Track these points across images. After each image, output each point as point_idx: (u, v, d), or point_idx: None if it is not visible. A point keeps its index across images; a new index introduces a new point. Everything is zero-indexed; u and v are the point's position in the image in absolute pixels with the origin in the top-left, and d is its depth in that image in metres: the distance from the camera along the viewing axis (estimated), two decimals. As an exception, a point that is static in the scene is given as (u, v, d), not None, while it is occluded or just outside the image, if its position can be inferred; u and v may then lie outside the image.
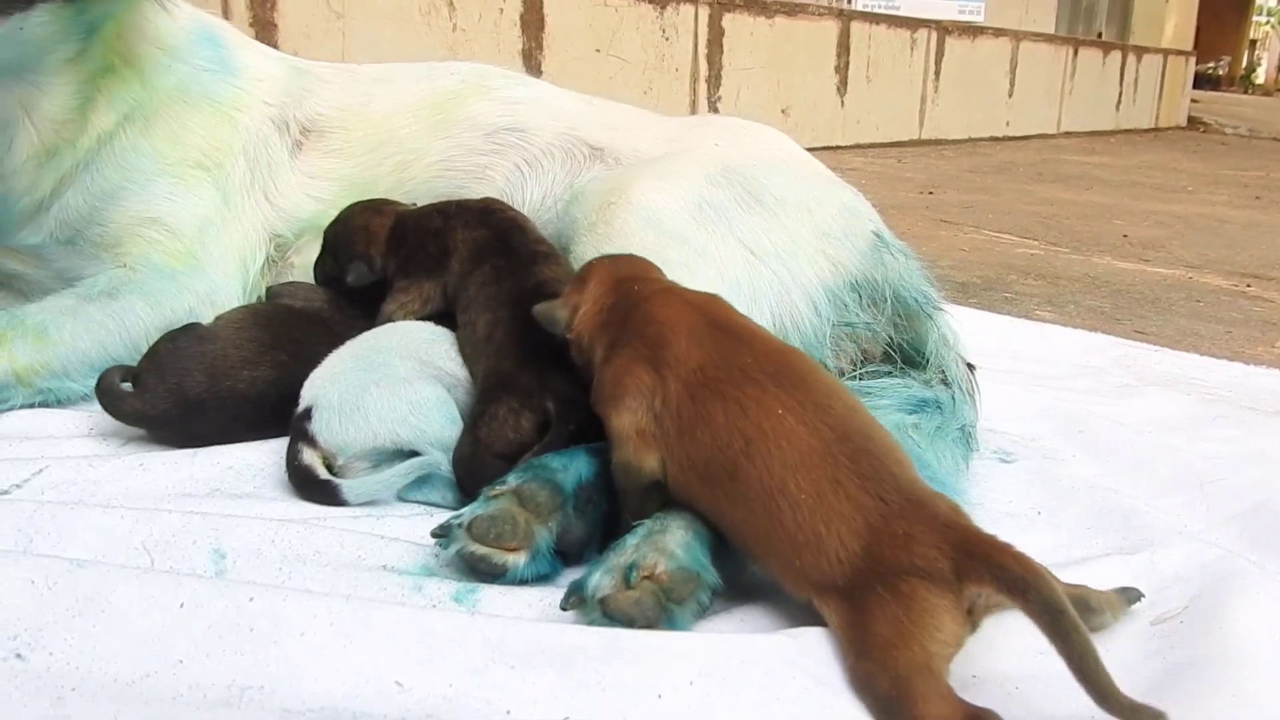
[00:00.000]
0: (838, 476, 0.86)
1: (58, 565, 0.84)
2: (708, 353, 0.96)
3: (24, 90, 1.31)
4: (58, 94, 1.33)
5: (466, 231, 1.30)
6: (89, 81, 1.35)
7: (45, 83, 1.32)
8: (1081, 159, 6.70)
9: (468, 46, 3.80)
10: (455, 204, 1.35)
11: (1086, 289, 2.59)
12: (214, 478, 1.13)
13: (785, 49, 5.45)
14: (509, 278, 1.23)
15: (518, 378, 1.11)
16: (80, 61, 1.33)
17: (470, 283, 1.25)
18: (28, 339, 1.23)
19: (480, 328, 1.20)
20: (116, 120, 1.37)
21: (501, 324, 1.18)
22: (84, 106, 1.35)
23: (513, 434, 1.07)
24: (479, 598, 0.91)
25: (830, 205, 1.40)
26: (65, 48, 1.31)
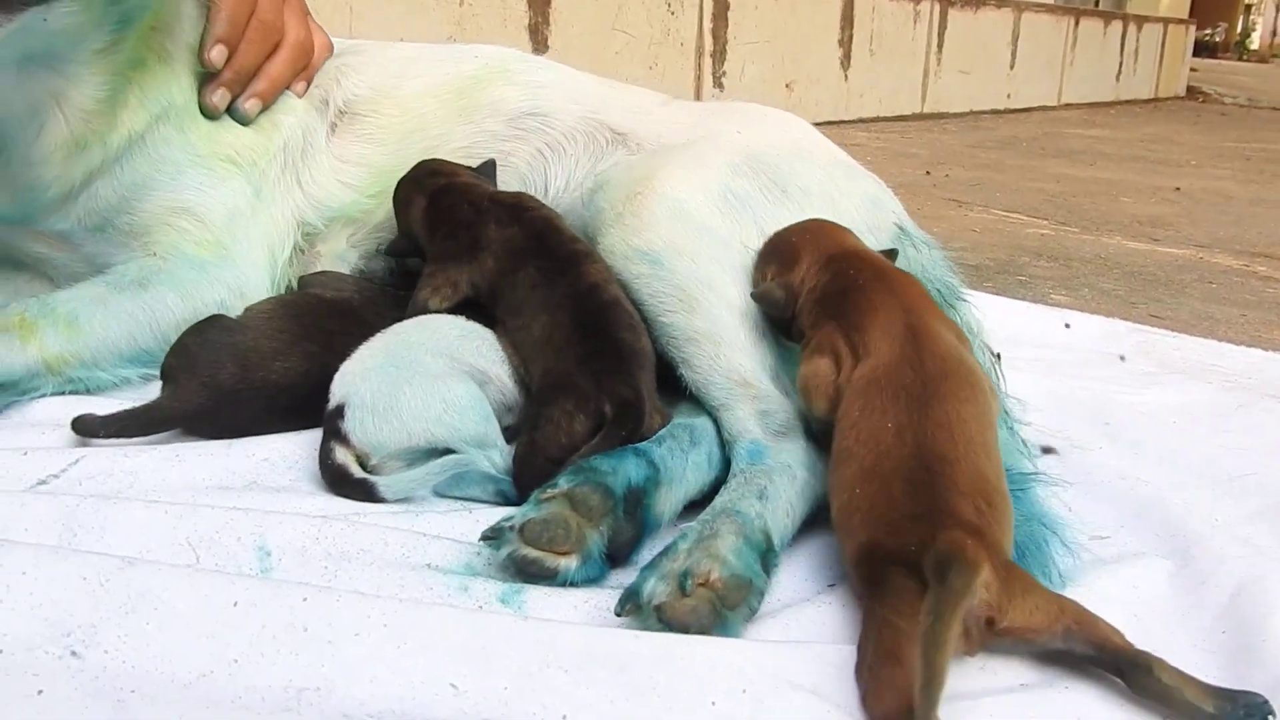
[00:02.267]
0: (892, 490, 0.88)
1: (109, 562, 0.84)
2: (886, 356, 1.01)
3: (54, 80, 1.30)
4: (87, 85, 1.31)
5: (499, 229, 1.29)
6: (119, 74, 1.33)
7: (75, 73, 1.30)
8: (1084, 132, 6.69)
9: (474, 22, 3.77)
10: (488, 196, 1.35)
11: (1099, 271, 2.60)
12: (250, 470, 1.13)
13: (790, 23, 5.42)
14: (560, 280, 1.22)
15: (575, 380, 1.11)
16: (111, 53, 1.32)
17: (516, 284, 1.25)
18: (58, 328, 1.23)
19: (537, 330, 1.20)
20: (149, 119, 1.36)
21: (561, 328, 1.17)
22: (113, 99, 1.33)
23: (565, 438, 1.07)
24: (524, 599, 0.91)
25: (854, 196, 1.40)
26: (96, 38, 1.30)
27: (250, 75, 1.44)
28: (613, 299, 1.20)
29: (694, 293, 1.20)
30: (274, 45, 1.46)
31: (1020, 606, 0.80)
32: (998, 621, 0.80)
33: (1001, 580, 0.80)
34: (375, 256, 1.53)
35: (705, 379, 1.16)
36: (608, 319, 1.17)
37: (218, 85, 1.41)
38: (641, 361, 1.15)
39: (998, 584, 0.80)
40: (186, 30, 1.41)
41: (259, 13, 1.44)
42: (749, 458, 1.07)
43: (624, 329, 1.17)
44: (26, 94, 1.29)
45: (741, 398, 1.13)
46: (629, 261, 1.24)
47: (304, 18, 1.53)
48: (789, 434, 1.09)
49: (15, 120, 1.31)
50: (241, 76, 1.43)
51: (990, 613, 0.80)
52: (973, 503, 0.87)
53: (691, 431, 1.13)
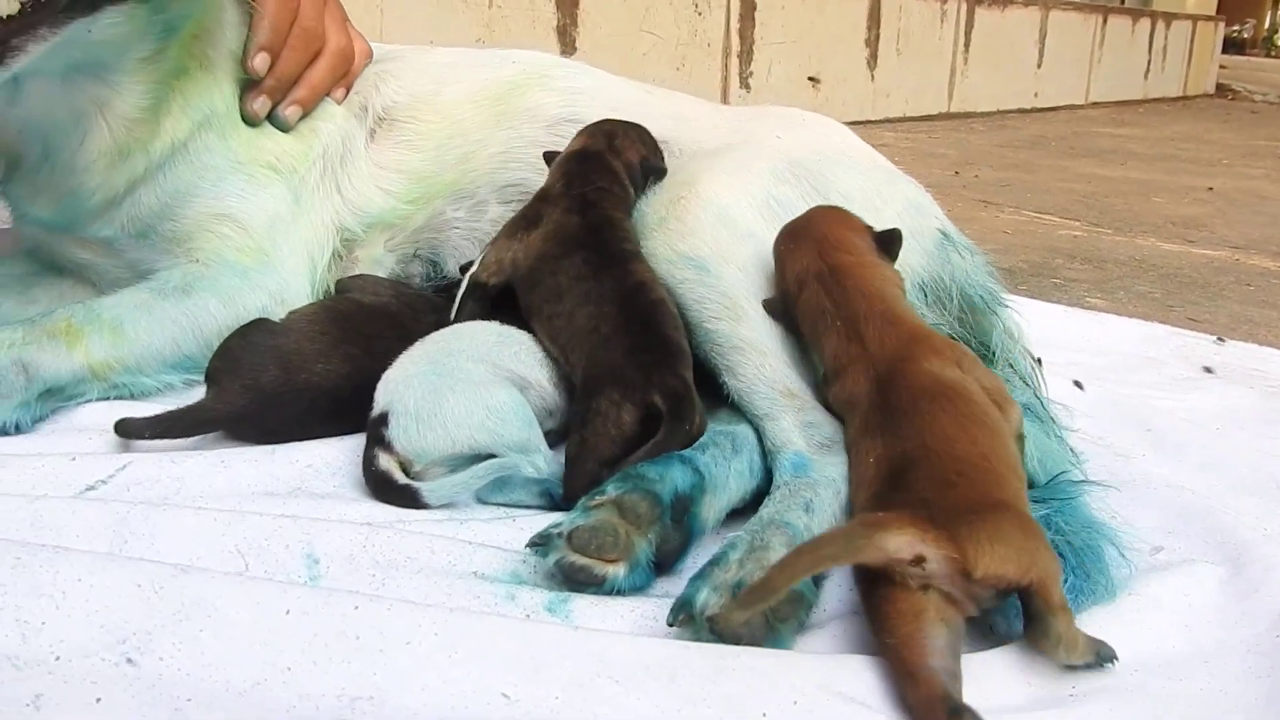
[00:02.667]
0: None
1: (162, 570, 0.85)
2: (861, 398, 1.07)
3: (98, 88, 1.31)
4: (131, 93, 1.32)
5: (561, 214, 1.30)
6: (163, 82, 1.34)
7: (118, 81, 1.31)
8: (1113, 131, 6.64)
9: (503, 23, 3.78)
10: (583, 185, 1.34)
11: (1134, 273, 2.58)
12: (295, 476, 1.13)
13: (816, 22, 5.40)
14: (606, 275, 1.22)
15: (624, 370, 1.11)
16: (155, 62, 1.33)
17: (559, 271, 1.24)
18: (103, 334, 1.24)
19: (581, 319, 1.20)
20: (191, 127, 1.36)
21: (609, 319, 1.17)
22: (157, 107, 1.34)
23: (614, 429, 1.08)
24: (571, 607, 0.91)
25: (895, 202, 1.40)
26: (140, 47, 1.30)
27: (291, 82, 1.45)
28: (659, 298, 1.20)
29: (740, 301, 1.20)
30: (315, 52, 1.47)
31: (990, 557, 0.82)
32: (972, 574, 0.81)
33: (958, 536, 0.82)
34: (413, 260, 1.54)
35: (749, 388, 1.16)
36: (655, 316, 1.17)
37: (259, 92, 1.42)
38: (686, 360, 1.15)
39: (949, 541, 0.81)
40: (229, 37, 1.41)
41: (301, 19, 1.45)
42: (793, 470, 1.07)
43: (671, 327, 1.17)
44: (71, 102, 1.30)
45: (786, 408, 1.13)
46: (673, 266, 1.24)
47: (344, 24, 1.54)
48: (832, 446, 1.09)
49: (60, 128, 1.32)
50: (283, 84, 1.44)
51: (960, 567, 0.81)
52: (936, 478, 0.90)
53: (733, 439, 1.13)
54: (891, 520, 0.83)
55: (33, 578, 0.81)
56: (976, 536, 0.82)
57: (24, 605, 0.80)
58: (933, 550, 0.81)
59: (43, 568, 0.82)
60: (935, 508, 0.85)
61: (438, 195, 1.52)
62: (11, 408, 1.15)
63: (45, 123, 1.32)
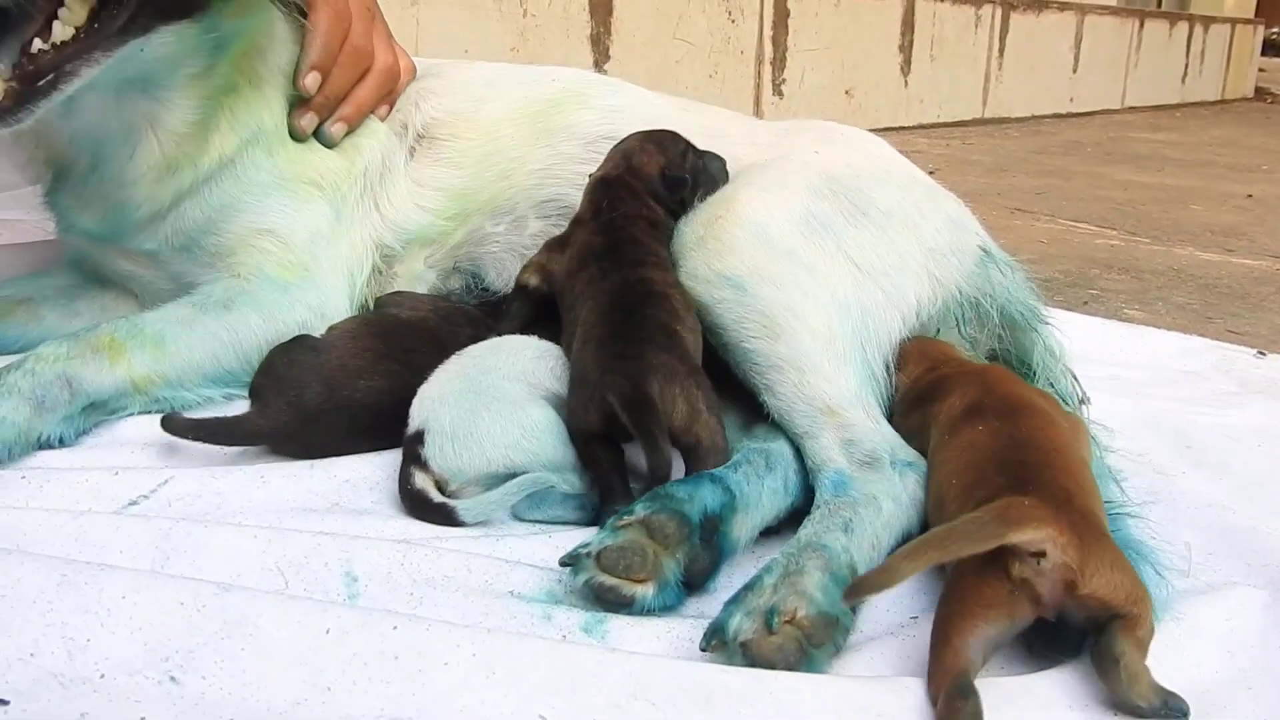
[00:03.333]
0: (987, 473, 0.97)
1: (205, 587, 0.86)
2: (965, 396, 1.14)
3: (148, 104, 1.33)
4: (181, 109, 1.35)
5: (587, 235, 1.31)
6: (212, 98, 1.36)
7: (168, 98, 1.34)
8: (1149, 136, 6.57)
9: (538, 33, 3.80)
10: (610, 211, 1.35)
11: (1173, 284, 2.55)
12: (332, 491, 1.14)
13: (850, 29, 5.39)
14: (614, 275, 1.23)
15: (588, 370, 1.13)
16: (206, 78, 1.35)
17: (578, 281, 1.26)
18: (146, 349, 1.25)
19: (583, 317, 1.21)
20: (239, 143, 1.38)
21: (597, 310, 1.18)
22: (205, 123, 1.36)
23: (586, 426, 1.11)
24: (607, 628, 0.92)
25: (936, 218, 1.38)
26: (192, 64, 1.33)
27: (339, 100, 1.47)
28: (660, 291, 1.19)
29: (778, 319, 1.19)
30: (364, 70, 1.49)
31: (1104, 578, 0.83)
32: (1079, 586, 0.83)
33: (1085, 548, 0.84)
34: (453, 275, 1.55)
35: (789, 406, 1.15)
36: (645, 303, 1.17)
37: (307, 109, 1.44)
38: (662, 340, 1.12)
39: (1076, 549, 0.83)
40: (279, 53, 1.43)
41: (352, 38, 1.47)
42: (833, 489, 1.07)
43: (659, 309, 1.16)
44: (122, 117, 1.33)
45: (826, 426, 1.12)
46: (712, 286, 1.24)
47: (390, 41, 1.56)
48: (874, 464, 1.09)
49: (110, 141, 1.35)
50: (331, 101, 1.46)
51: (1071, 576, 0.83)
52: (1070, 478, 0.94)
53: (767, 456, 1.13)
54: (1034, 514, 0.84)
55: (78, 595, 0.83)
56: (1101, 555, 0.84)
57: (70, 622, 0.81)
58: (1057, 553, 0.83)
59: (88, 585, 0.84)
60: (1072, 511, 0.87)
61: (477, 211, 1.53)
62: (56, 421, 1.17)
63: (95, 135, 1.35)
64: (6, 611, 0.81)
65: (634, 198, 1.37)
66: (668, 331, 1.15)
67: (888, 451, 1.10)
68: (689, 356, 1.15)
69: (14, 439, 1.12)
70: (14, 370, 1.15)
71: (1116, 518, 1.06)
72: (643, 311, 1.16)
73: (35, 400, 1.14)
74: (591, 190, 1.39)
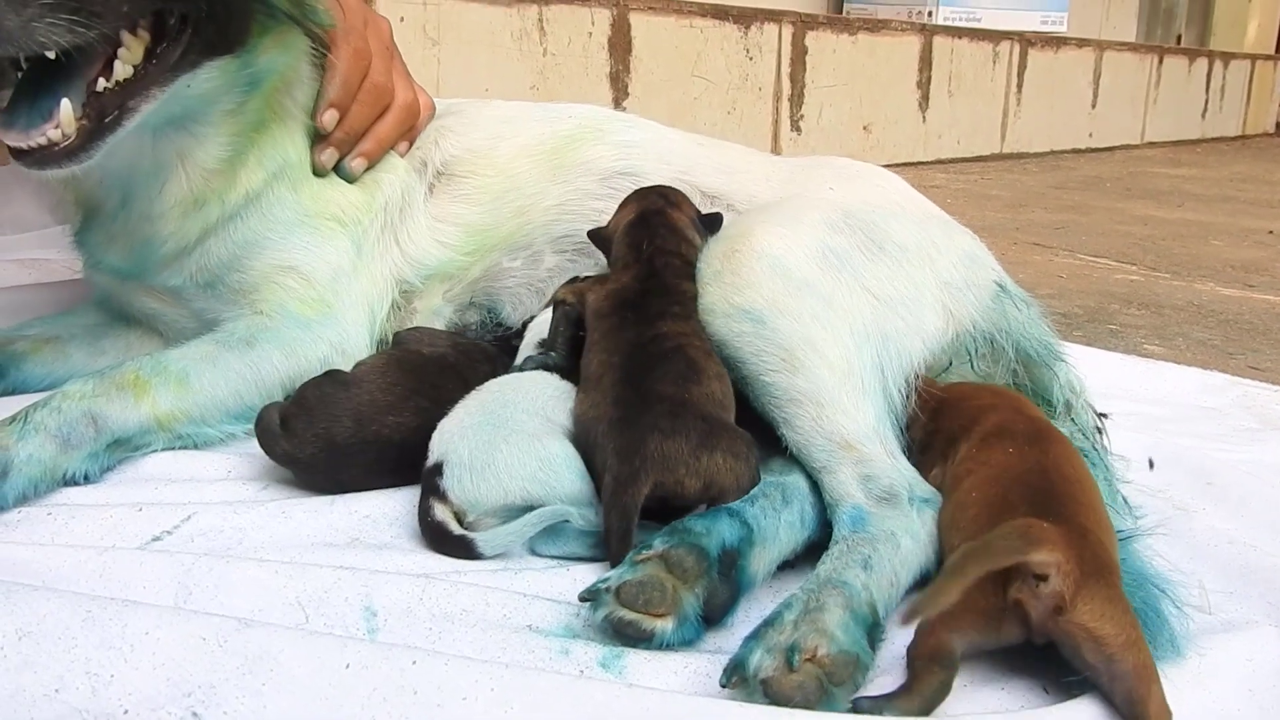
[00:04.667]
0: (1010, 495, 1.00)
1: (227, 624, 0.87)
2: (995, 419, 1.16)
3: (183, 139, 1.37)
4: (212, 145, 1.38)
5: (629, 278, 1.32)
6: (242, 134, 1.40)
7: (203, 133, 1.37)
8: (1169, 171, 6.56)
9: (557, 70, 3.84)
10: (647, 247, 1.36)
11: (1193, 319, 2.54)
12: (352, 526, 1.15)
13: (867, 65, 5.42)
14: (632, 328, 1.24)
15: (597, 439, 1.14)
16: (238, 114, 1.39)
17: (597, 326, 1.27)
18: (170, 386, 1.27)
19: (593, 366, 1.22)
20: (265, 178, 1.41)
21: (611, 370, 1.19)
22: (234, 159, 1.39)
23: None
24: (625, 664, 0.92)
25: (951, 253, 1.39)
26: (227, 100, 1.37)
27: (359, 135, 1.50)
28: (673, 347, 1.20)
29: (797, 353, 1.20)
30: (384, 107, 1.52)
31: (1091, 608, 0.86)
32: (1064, 611, 0.86)
33: (1084, 579, 0.87)
34: (469, 309, 1.57)
35: (807, 440, 1.16)
36: (654, 369, 1.17)
37: (328, 144, 1.47)
38: (666, 423, 1.10)
39: (1075, 580, 0.87)
40: (305, 90, 1.47)
41: (371, 75, 1.50)
42: (851, 524, 1.07)
43: (667, 380, 1.15)
44: (155, 154, 1.36)
45: (844, 460, 1.13)
46: (730, 319, 1.25)
47: (409, 79, 1.59)
48: (892, 500, 1.09)
49: (140, 178, 1.38)
50: (351, 137, 1.48)
51: (1058, 602, 0.86)
52: (1090, 514, 0.96)
53: (784, 490, 1.13)
54: (1051, 538, 0.88)
55: (102, 631, 0.84)
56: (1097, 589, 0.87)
57: (94, 658, 0.82)
58: (1057, 579, 0.86)
59: (112, 621, 0.85)
60: (1085, 545, 0.90)
61: (494, 247, 1.55)
62: (81, 458, 1.18)
63: (127, 172, 1.38)
64: (32, 648, 0.82)
65: (674, 233, 1.38)
66: (675, 405, 1.13)
67: (905, 488, 1.10)
68: (705, 417, 1.12)
69: (40, 476, 1.14)
70: (41, 408, 1.17)
71: (1126, 544, 1.06)
72: (650, 386, 1.15)
73: (61, 438, 1.16)
74: (627, 232, 1.40)
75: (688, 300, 1.30)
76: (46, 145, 1.17)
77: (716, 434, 1.11)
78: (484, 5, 3.59)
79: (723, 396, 1.18)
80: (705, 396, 1.15)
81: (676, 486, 1.07)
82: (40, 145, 1.17)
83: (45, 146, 1.17)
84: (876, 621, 0.95)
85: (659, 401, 1.13)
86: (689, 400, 1.14)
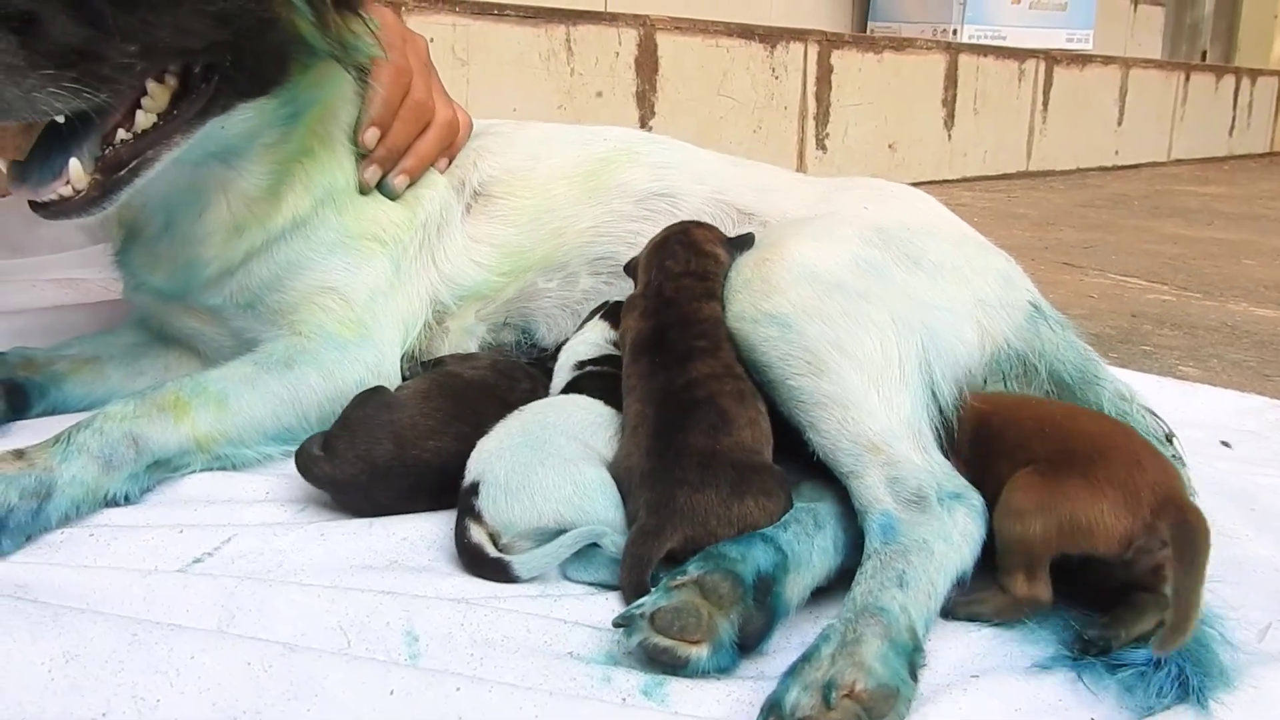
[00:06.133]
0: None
1: (272, 648, 0.87)
2: None
3: (222, 171, 1.37)
4: (254, 175, 1.39)
5: (639, 320, 1.32)
6: (284, 164, 1.40)
7: (244, 165, 1.38)
8: (1197, 189, 6.51)
9: (584, 90, 3.85)
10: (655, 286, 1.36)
11: (1227, 340, 2.52)
12: (391, 549, 1.15)
13: (893, 84, 5.41)
14: (662, 373, 1.24)
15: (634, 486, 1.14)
16: (280, 146, 1.39)
17: (631, 373, 1.28)
18: (209, 407, 1.28)
19: (630, 417, 1.23)
20: (312, 204, 1.42)
21: (645, 422, 1.19)
22: (278, 186, 1.40)
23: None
24: (667, 691, 0.91)
25: (986, 273, 1.39)
26: (267, 135, 1.37)
27: (401, 153, 1.51)
28: (704, 397, 1.19)
29: (823, 355, 1.19)
30: (425, 124, 1.53)
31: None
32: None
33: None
34: (504, 329, 1.57)
35: (833, 444, 1.15)
36: (687, 421, 1.17)
37: (371, 162, 1.48)
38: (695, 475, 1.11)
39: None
40: (349, 111, 1.48)
41: (413, 93, 1.51)
42: (882, 534, 1.05)
43: (698, 431, 1.15)
44: (195, 183, 1.37)
45: (870, 464, 1.11)
46: (757, 325, 1.24)
47: (447, 96, 1.60)
48: (921, 503, 1.07)
49: (182, 204, 1.39)
50: (394, 154, 1.50)
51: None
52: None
53: (815, 515, 1.12)
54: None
55: (148, 655, 0.84)
56: None
57: (140, 682, 0.82)
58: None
59: (158, 645, 0.85)
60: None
61: (530, 268, 1.55)
62: (122, 480, 1.19)
63: (168, 198, 1.38)
64: (79, 671, 0.82)
65: (689, 249, 1.38)
66: (705, 456, 1.13)
67: (934, 487, 1.09)
68: (735, 464, 1.13)
69: (83, 497, 1.15)
70: (83, 429, 1.18)
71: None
72: (683, 439, 1.15)
73: (104, 459, 1.17)
74: (649, 254, 1.41)
75: (712, 327, 1.29)
76: (59, 200, 1.17)
77: (747, 479, 1.11)
78: (512, 26, 3.61)
79: (753, 441, 1.17)
80: (735, 445, 1.15)
81: (710, 538, 1.07)
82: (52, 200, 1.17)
83: (58, 200, 1.17)
84: (918, 646, 0.94)
85: (689, 454, 1.13)
86: (719, 450, 1.14)
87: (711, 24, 4.34)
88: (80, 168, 1.17)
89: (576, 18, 3.82)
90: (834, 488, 1.16)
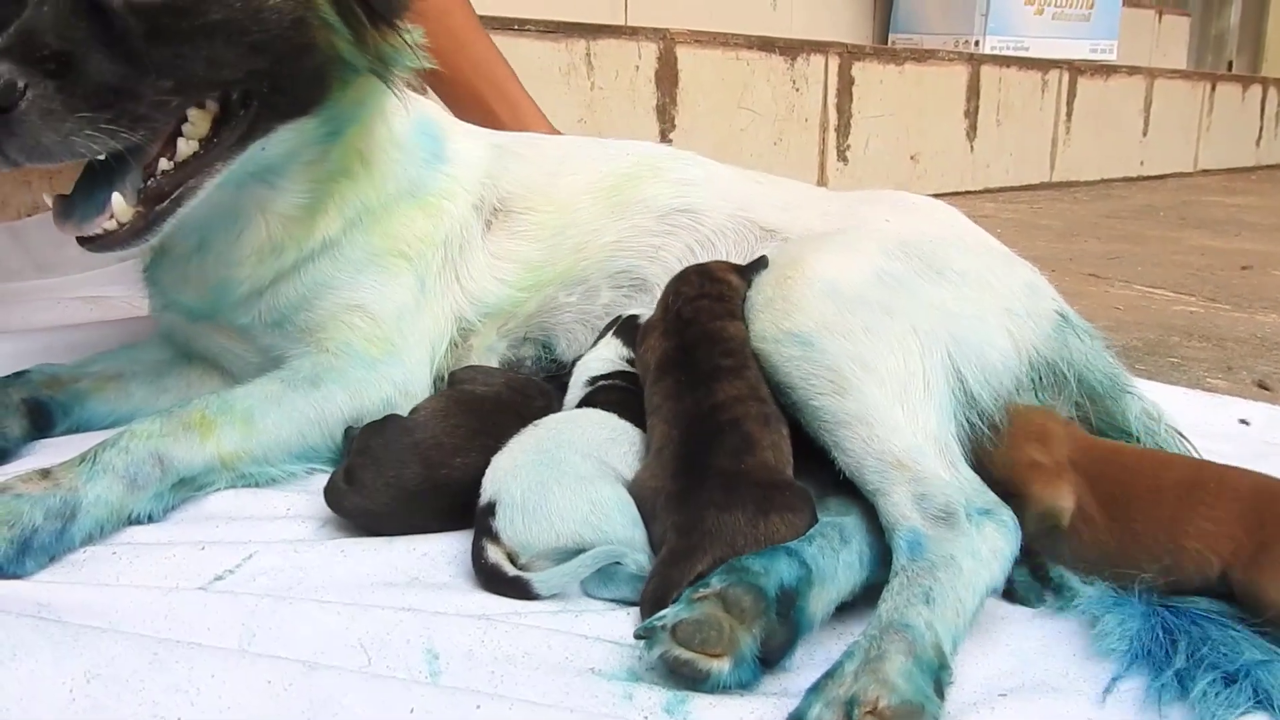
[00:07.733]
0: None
1: (292, 667, 0.87)
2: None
3: (262, 191, 1.37)
4: (292, 193, 1.39)
5: (660, 339, 1.32)
6: (322, 183, 1.40)
7: (283, 184, 1.38)
8: (1224, 200, 6.46)
9: (604, 103, 3.86)
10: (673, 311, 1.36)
11: (1257, 352, 2.49)
12: (411, 565, 1.15)
13: (914, 95, 5.40)
14: (688, 395, 1.24)
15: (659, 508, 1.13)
16: (318, 165, 1.39)
17: (655, 392, 1.27)
18: (235, 425, 1.28)
19: (656, 437, 1.22)
20: (343, 225, 1.42)
21: (671, 443, 1.19)
22: (313, 206, 1.40)
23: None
24: (689, 708, 0.91)
25: (1013, 282, 1.37)
26: (307, 153, 1.37)
27: None
28: (729, 421, 1.19)
29: (845, 373, 1.18)
30: None
31: None
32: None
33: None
34: (524, 344, 1.56)
35: (859, 462, 1.14)
36: (713, 444, 1.17)
37: None
38: (720, 497, 1.11)
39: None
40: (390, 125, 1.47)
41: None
42: (909, 551, 1.04)
43: (723, 454, 1.15)
44: (234, 203, 1.37)
45: (897, 481, 1.10)
46: (780, 345, 1.24)
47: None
48: (949, 519, 1.06)
49: (219, 223, 1.39)
50: None
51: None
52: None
53: (841, 530, 1.11)
54: None
55: (170, 674, 0.84)
56: None
57: (161, 701, 0.82)
58: None
59: (178, 663, 0.85)
60: None
61: (551, 283, 1.55)
62: (147, 499, 1.19)
63: (206, 219, 1.38)
64: (101, 690, 0.82)
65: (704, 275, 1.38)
66: (730, 477, 1.13)
67: (962, 503, 1.08)
68: (759, 483, 1.13)
69: (108, 517, 1.15)
70: (109, 448, 1.18)
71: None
72: (707, 462, 1.15)
73: (129, 478, 1.17)
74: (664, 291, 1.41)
75: (735, 345, 1.28)
76: (104, 234, 1.18)
77: (771, 497, 1.11)
78: (533, 40, 3.62)
79: (776, 460, 1.17)
80: (759, 465, 1.15)
81: (738, 554, 1.06)
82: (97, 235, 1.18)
83: (103, 235, 1.18)
84: (944, 664, 0.93)
85: (714, 476, 1.13)
86: (743, 471, 1.14)
87: (731, 37, 4.35)
88: (123, 201, 1.18)
89: (596, 32, 3.83)
90: (861, 502, 1.15)
